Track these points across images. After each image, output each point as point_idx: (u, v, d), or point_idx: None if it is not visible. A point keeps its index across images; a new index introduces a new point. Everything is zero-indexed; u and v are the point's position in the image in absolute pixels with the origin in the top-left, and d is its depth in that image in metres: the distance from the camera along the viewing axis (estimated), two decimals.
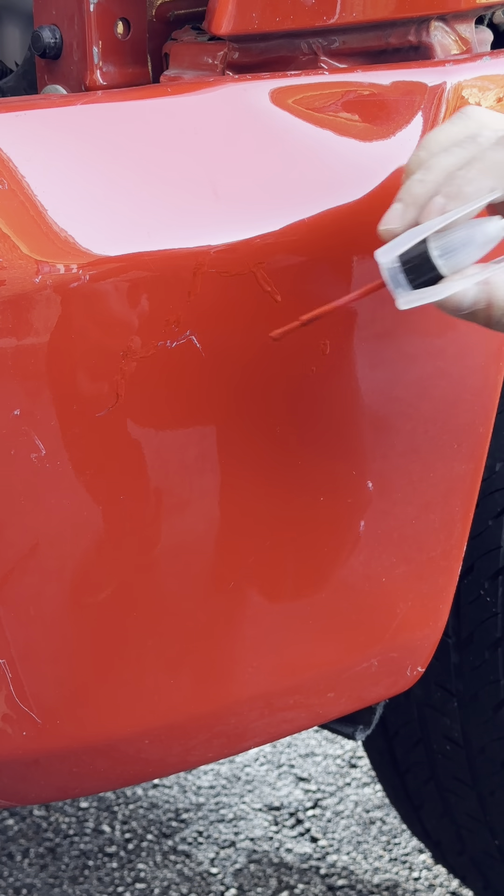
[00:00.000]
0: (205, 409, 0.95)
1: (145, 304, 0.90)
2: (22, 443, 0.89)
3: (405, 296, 0.84)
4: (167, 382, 0.93)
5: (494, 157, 0.85)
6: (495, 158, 0.85)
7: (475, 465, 1.10)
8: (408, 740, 1.45)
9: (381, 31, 1.04)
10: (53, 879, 1.80)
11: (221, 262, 0.92)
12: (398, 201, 0.87)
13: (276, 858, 1.83)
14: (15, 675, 0.95)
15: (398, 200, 0.87)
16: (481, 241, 0.83)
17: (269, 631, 1.04)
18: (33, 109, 0.93)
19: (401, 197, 0.87)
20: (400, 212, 0.86)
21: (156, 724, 1.02)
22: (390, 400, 1.03)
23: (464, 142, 0.88)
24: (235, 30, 0.97)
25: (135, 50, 1.01)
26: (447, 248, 0.83)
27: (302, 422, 1.00)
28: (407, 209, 0.86)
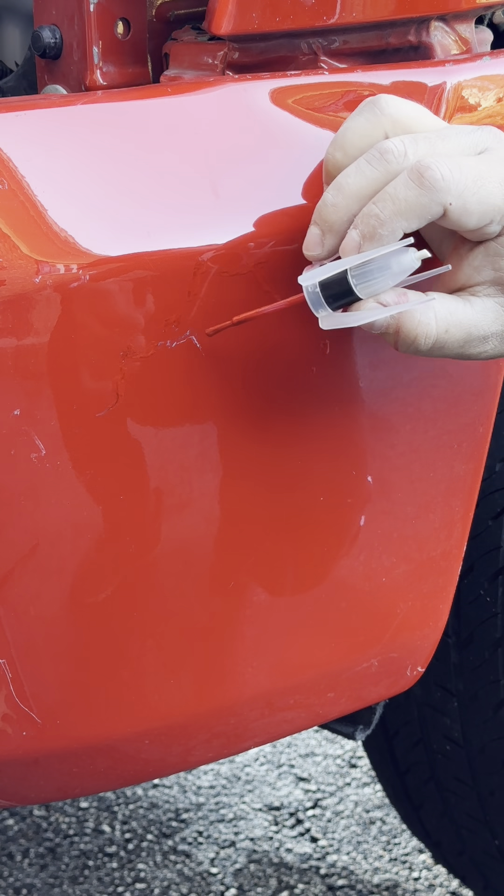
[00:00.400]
0: (205, 408, 0.95)
1: (145, 303, 0.90)
2: (22, 443, 0.89)
3: (326, 317, 0.90)
4: (167, 382, 0.93)
5: (406, 197, 0.86)
6: (407, 198, 0.86)
7: (475, 465, 1.10)
8: (408, 740, 1.45)
9: (381, 31, 1.04)
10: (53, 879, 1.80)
11: (221, 262, 0.92)
12: (315, 225, 0.90)
13: (276, 858, 1.83)
14: (15, 675, 0.95)
15: (315, 224, 0.90)
16: (396, 270, 0.87)
17: (269, 631, 1.04)
18: (33, 109, 0.93)
19: (316, 221, 0.90)
20: (318, 238, 0.90)
21: (156, 724, 1.02)
22: (390, 400, 1.03)
23: (373, 156, 0.89)
24: (235, 30, 0.97)
25: (135, 50, 1.01)
26: (364, 275, 0.88)
27: (302, 422, 1.00)
28: (325, 236, 0.90)
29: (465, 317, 0.91)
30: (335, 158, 0.91)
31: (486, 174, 0.88)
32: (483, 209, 0.88)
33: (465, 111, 1.04)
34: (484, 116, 1.05)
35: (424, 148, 0.88)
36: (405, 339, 0.90)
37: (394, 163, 0.88)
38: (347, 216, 0.89)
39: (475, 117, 1.04)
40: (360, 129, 0.91)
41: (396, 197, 0.87)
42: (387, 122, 0.91)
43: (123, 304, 0.90)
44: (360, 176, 0.89)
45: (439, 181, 0.86)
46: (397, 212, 0.87)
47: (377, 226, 0.87)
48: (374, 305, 0.88)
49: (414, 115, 0.91)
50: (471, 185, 0.87)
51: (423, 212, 0.87)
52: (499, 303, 0.92)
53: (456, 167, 0.87)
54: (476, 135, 0.90)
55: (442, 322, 0.90)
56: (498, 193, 0.88)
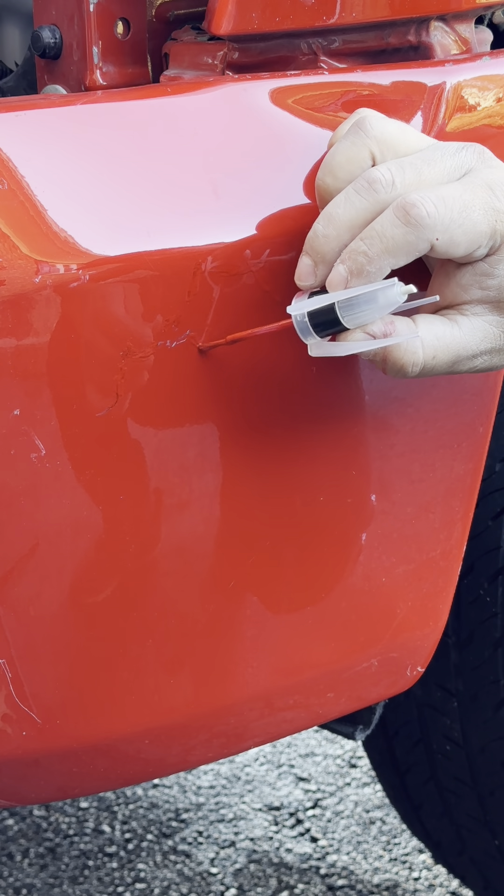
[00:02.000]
0: (205, 409, 0.95)
1: (145, 304, 0.91)
2: (22, 443, 0.89)
3: (314, 346, 0.91)
4: (167, 382, 0.93)
5: (393, 235, 0.87)
6: (394, 237, 0.87)
7: (475, 465, 1.10)
8: (408, 740, 1.45)
9: (381, 31, 1.04)
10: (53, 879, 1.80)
11: (221, 262, 0.92)
12: (306, 255, 0.91)
13: (276, 858, 1.83)
14: (15, 675, 0.95)
15: (306, 254, 0.91)
16: (383, 303, 0.88)
17: (269, 631, 1.04)
18: (33, 109, 0.93)
19: (308, 252, 0.91)
20: (311, 268, 0.91)
21: (156, 724, 1.02)
22: (390, 400, 1.03)
23: (361, 186, 0.89)
24: (235, 30, 0.97)
25: (135, 50, 1.01)
26: (351, 307, 0.89)
27: (302, 422, 1.00)
28: (317, 266, 0.90)
29: (453, 339, 0.92)
30: (325, 183, 0.92)
31: (469, 203, 0.88)
32: (469, 238, 0.89)
33: (465, 111, 1.04)
34: (483, 116, 1.05)
35: (411, 175, 0.89)
36: (393, 366, 0.91)
37: (382, 192, 0.89)
38: (338, 246, 0.90)
39: (475, 117, 1.04)
40: (347, 152, 0.91)
41: (384, 235, 0.87)
42: (372, 144, 0.91)
43: (123, 305, 0.90)
44: (349, 206, 0.89)
45: (425, 218, 0.87)
46: (384, 250, 0.88)
47: (365, 263, 0.88)
48: (362, 336, 0.89)
49: (399, 135, 0.92)
50: (456, 218, 0.88)
51: (410, 249, 0.88)
52: (487, 321, 0.92)
53: (440, 201, 0.87)
54: (460, 155, 0.91)
55: (429, 349, 0.91)
56: (482, 221, 0.89)
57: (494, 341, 0.93)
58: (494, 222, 0.89)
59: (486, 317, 0.92)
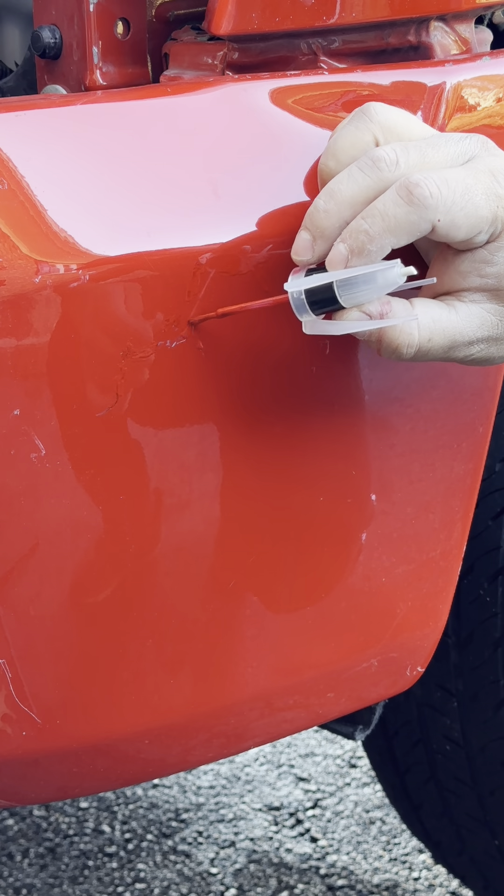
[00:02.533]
0: (205, 409, 0.95)
1: (145, 304, 0.91)
2: (22, 443, 0.89)
3: (309, 323, 0.90)
4: (167, 382, 0.93)
5: (396, 214, 0.87)
6: (396, 215, 0.87)
7: (475, 465, 1.10)
8: (408, 740, 1.45)
9: (381, 31, 1.04)
10: (53, 879, 1.80)
11: (221, 262, 0.92)
12: (305, 230, 0.90)
13: (276, 858, 1.83)
14: (15, 675, 0.95)
15: (305, 229, 0.90)
16: (381, 283, 0.88)
17: (269, 631, 1.04)
18: (33, 109, 0.93)
19: (307, 226, 0.90)
20: (309, 243, 0.90)
21: (156, 724, 1.02)
22: (390, 400, 1.03)
23: (365, 163, 0.89)
24: (235, 30, 0.97)
25: (135, 50, 1.01)
26: (349, 286, 0.88)
27: (302, 422, 1.00)
28: (315, 241, 0.90)
29: (450, 324, 0.91)
30: (328, 167, 0.92)
31: (472, 187, 0.88)
32: (471, 222, 0.88)
33: (465, 111, 1.04)
34: (483, 116, 1.05)
35: (415, 156, 0.89)
36: (387, 347, 0.91)
37: (385, 170, 0.89)
38: (339, 222, 0.89)
39: (475, 117, 1.04)
40: (351, 136, 0.91)
41: (386, 214, 0.87)
42: (376, 129, 0.91)
43: (123, 304, 0.90)
44: (352, 183, 0.89)
45: (428, 199, 0.87)
46: (386, 229, 0.87)
47: (366, 241, 0.88)
48: (358, 315, 0.89)
49: (402, 122, 0.92)
50: (458, 200, 0.88)
51: (412, 229, 0.87)
52: (485, 309, 0.92)
53: (443, 182, 0.87)
54: (464, 143, 0.91)
55: (425, 331, 0.91)
56: (484, 205, 0.89)
57: (491, 329, 0.93)
58: (496, 208, 0.89)
59: (484, 304, 0.92)
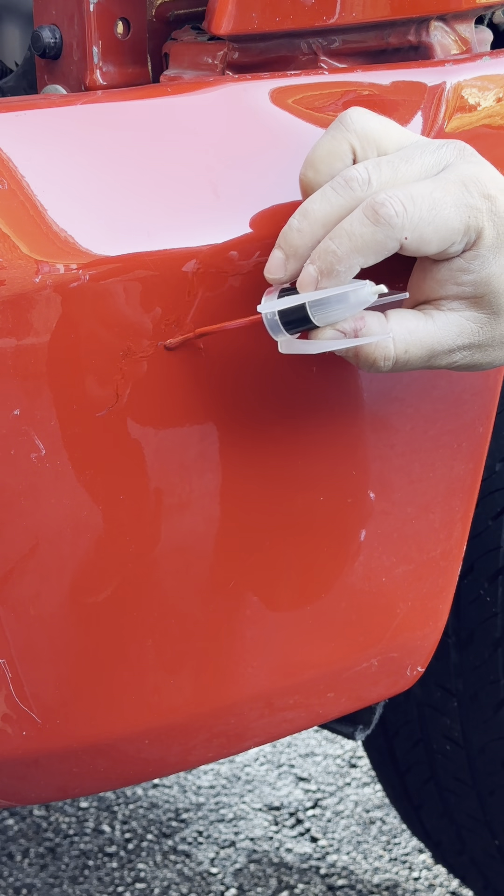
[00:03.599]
0: (205, 409, 0.95)
1: (145, 303, 0.91)
2: (22, 443, 0.89)
3: (284, 343, 0.91)
4: (167, 382, 0.93)
5: (362, 234, 0.87)
6: (363, 235, 0.87)
7: (475, 465, 1.10)
8: (408, 740, 1.45)
9: (381, 31, 1.04)
10: (53, 879, 1.80)
11: (221, 262, 0.92)
12: (279, 248, 0.90)
13: (276, 858, 1.83)
14: (15, 675, 0.95)
15: (279, 248, 0.90)
16: (353, 302, 0.88)
17: (269, 631, 1.04)
18: (33, 109, 0.93)
19: (281, 245, 0.90)
20: (282, 262, 0.90)
21: (156, 724, 1.02)
22: (390, 400, 1.03)
23: (338, 183, 0.89)
24: (235, 30, 0.97)
25: (135, 50, 1.01)
26: (322, 307, 0.89)
27: (302, 422, 1.00)
28: (288, 260, 0.90)
29: (427, 334, 0.91)
30: (307, 177, 0.92)
31: (440, 200, 0.88)
32: (441, 236, 0.88)
33: (465, 111, 1.04)
34: (483, 116, 1.05)
35: (387, 173, 0.89)
36: (365, 361, 0.91)
37: (357, 190, 0.89)
38: (312, 242, 0.89)
39: (475, 117, 1.04)
40: (328, 146, 0.92)
41: (353, 234, 0.87)
42: (353, 138, 0.91)
43: (123, 304, 0.90)
44: (325, 202, 0.89)
45: (393, 217, 0.87)
46: (354, 249, 0.87)
47: (334, 262, 0.88)
48: (332, 334, 0.89)
49: (380, 129, 0.92)
50: (425, 216, 0.88)
51: (380, 248, 0.88)
52: (464, 317, 0.92)
53: (409, 200, 0.87)
54: (439, 152, 0.91)
55: (401, 343, 0.91)
56: (454, 217, 0.89)
57: (472, 337, 0.93)
58: (467, 218, 0.89)
59: (463, 312, 0.92)
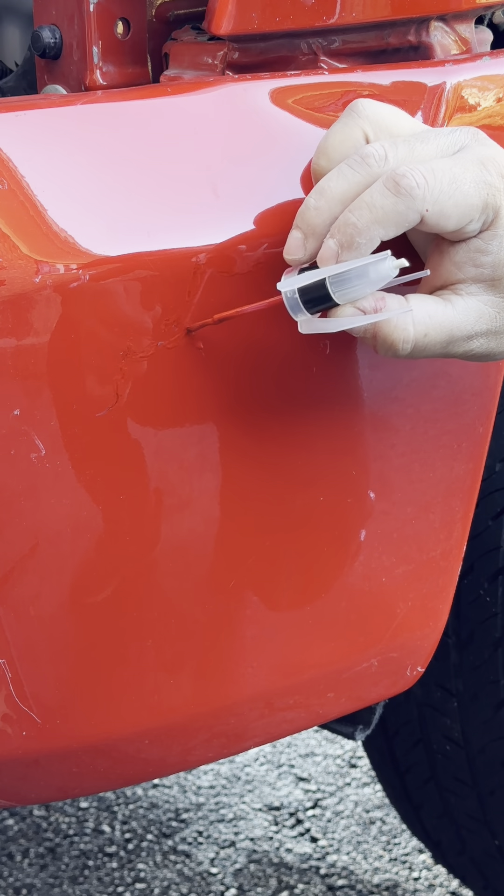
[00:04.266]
0: (205, 409, 0.95)
1: (145, 303, 0.91)
2: (22, 443, 0.89)
3: (305, 322, 0.90)
4: (167, 382, 0.93)
5: (383, 205, 0.87)
6: (384, 206, 0.87)
7: (475, 465, 1.10)
8: (408, 740, 1.45)
9: (381, 31, 1.04)
10: (53, 879, 1.80)
11: (221, 262, 0.92)
12: (297, 229, 0.90)
13: (276, 858, 1.83)
14: (15, 675, 0.95)
15: (296, 228, 0.90)
16: (374, 277, 0.88)
17: (269, 631, 1.04)
18: (33, 109, 0.93)
19: (298, 225, 0.90)
20: (300, 241, 0.90)
21: (156, 724, 1.02)
22: (390, 400, 1.03)
23: (354, 160, 0.89)
24: (235, 30, 0.97)
25: (135, 50, 1.01)
26: (342, 282, 0.88)
27: (301, 422, 1.00)
28: (307, 239, 0.90)
29: (446, 318, 0.91)
30: (320, 165, 0.92)
31: (460, 176, 0.88)
32: (461, 211, 0.88)
33: (465, 111, 1.04)
34: (483, 116, 1.05)
35: (404, 151, 0.89)
36: (383, 343, 0.90)
37: (375, 166, 0.89)
38: (329, 219, 0.89)
39: (475, 117, 1.04)
40: (341, 133, 0.92)
41: (373, 205, 0.87)
42: (366, 124, 0.91)
43: (123, 304, 0.90)
44: (342, 179, 0.89)
45: (415, 189, 0.87)
46: (374, 220, 0.87)
47: (354, 234, 0.87)
48: (352, 311, 0.89)
49: (391, 117, 0.92)
50: (446, 189, 0.88)
51: (401, 219, 0.87)
52: (482, 301, 0.92)
53: (430, 173, 0.87)
54: (453, 135, 0.91)
55: (420, 326, 0.90)
56: (473, 194, 0.88)
57: (490, 322, 0.92)
58: (486, 195, 0.89)
59: (481, 296, 0.92)
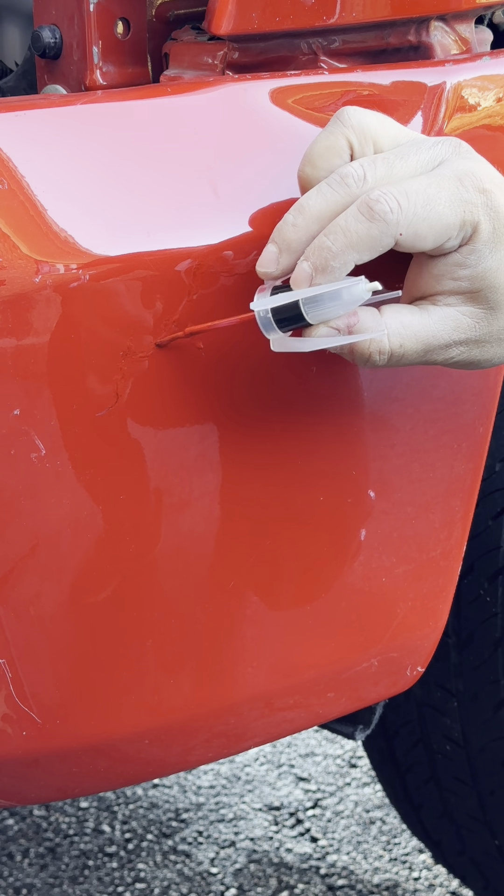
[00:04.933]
0: (205, 409, 0.95)
1: (145, 303, 0.90)
2: (22, 443, 0.89)
3: (277, 341, 0.90)
4: (167, 382, 0.93)
5: (357, 230, 0.87)
6: (358, 231, 0.87)
7: (475, 465, 1.10)
8: (408, 740, 1.45)
9: (381, 31, 1.04)
10: (53, 879, 1.80)
11: (221, 262, 0.92)
12: (273, 243, 0.90)
13: (276, 858, 1.83)
14: (15, 675, 0.95)
15: (273, 242, 0.90)
16: (347, 299, 0.88)
17: (269, 631, 1.04)
18: (33, 109, 0.93)
19: (275, 239, 0.90)
20: (275, 256, 0.90)
21: (156, 724, 1.02)
22: (390, 400, 1.03)
23: (334, 180, 0.89)
24: (235, 30, 0.97)
25: (135, 50, 1.01)
26: (315, 305, 0.88)
27: (301, 422, 1.00)
28: (281, 255, 0.90)
29: (422, 328, 0.91)
30: (305, 173, 0.92)
31: (434, 197, 0.88)
32: (436, 232, 0.88)
33: (465, 111, 1.04)
34: (483, 116, 1.05)
35: (382, 170, 0.89)
36: (360, 356, 0.91)
37: (353, 186, 0.89)
38: (306, 237, 0.89)
39: (475, 117, 1.04)
40: (326, 142, 0.92)
41: (347, 230, 0.87)
42: (349, 133, 0.91)
43: (123, 304, 0.90)
44: (321, 198, 0.89)
45: (388, 214, 0.87)
46: (349, 244, 0.87)
47: (329, 258, 0.88)
48: (326, 331, 0.89)
49: (377, 125, 0.92)
50: (420, 212, 0.88)
51: (374, 244, 0.88)
52: (460, 311, 0.92)
53: (404, 196, 0.87)
54: (434, 149, 0.91)
55: (395, 337, 0.91)
56: (449, 213, 0.89)
57: (468, 332, 0.93)
58: (463, 213, 0.89)
59: (459, 307, 0.92)
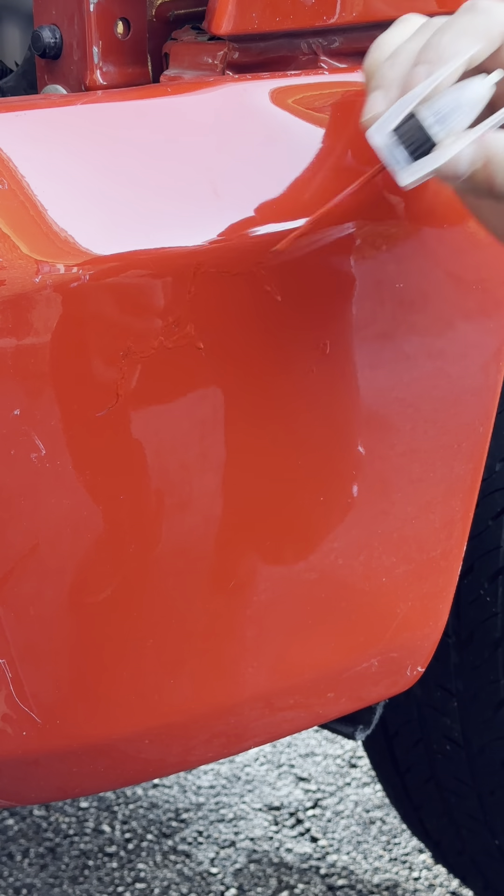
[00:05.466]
0: (205, 409, 0.95)
1: (145, 303, 0.90)
2: (22, 443, 0.89)
3: (406, 170, 0.82)
4: (168, 382, 0.93)
5: (463, 21, 0.82)
6: (464, 21, 0.81)
7: (475, 465, 1.10)
8: (408, 740, 1.45)
9: (381, 31, 1.04)
10: (53, 879, 1.80)
11: (221, 262, 0.92)
12: (375, 89, 0.83)
13: (276, 858, 1.83)
14: (15, 675, 0.95)
15: (375, 89, 0.83)
16: (471, 100, 0.80)
17: (269, 631, 1.04)
18: (33, 109, 0.93)
19: (376, 85, 0.83)
20: (381, 96, 0.82)
21: (156, 724, 1.02)
22: (390, 400, 1.03)
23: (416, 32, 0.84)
24: (235, 30, 0.97)
25: (135, 50, 1.01)
26: (438, 114, 0.80)
27: (302, 422, 1.00)
28: (388, 91, 0.82)
29: None
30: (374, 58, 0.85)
31: None
32: None
33: None
34: None
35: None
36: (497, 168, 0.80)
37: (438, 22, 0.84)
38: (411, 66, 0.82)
39: None
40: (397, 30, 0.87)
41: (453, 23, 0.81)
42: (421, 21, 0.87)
43: (123, 304, 0.90)
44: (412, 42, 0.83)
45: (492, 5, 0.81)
46: (459, 32, 0.81)
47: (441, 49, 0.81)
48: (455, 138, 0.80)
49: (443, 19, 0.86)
50: None
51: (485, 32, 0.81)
52: None
53: None
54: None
55: None
56: None
57: None
58: None
59: None
